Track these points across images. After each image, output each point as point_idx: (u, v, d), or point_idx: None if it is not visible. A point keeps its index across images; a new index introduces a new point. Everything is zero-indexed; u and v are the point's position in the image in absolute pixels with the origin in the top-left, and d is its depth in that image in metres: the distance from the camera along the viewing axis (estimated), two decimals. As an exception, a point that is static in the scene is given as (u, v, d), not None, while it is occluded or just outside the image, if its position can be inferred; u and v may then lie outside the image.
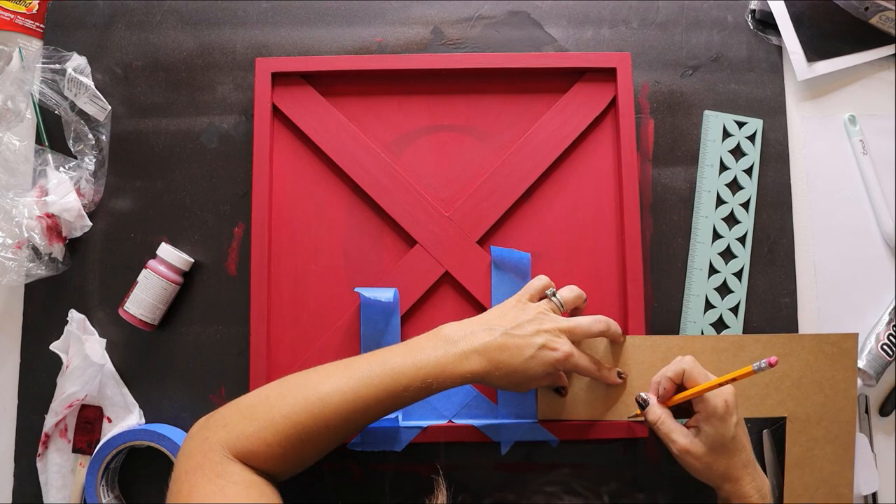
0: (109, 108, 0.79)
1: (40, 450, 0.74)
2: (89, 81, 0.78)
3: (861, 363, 0.74)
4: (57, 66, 0.77)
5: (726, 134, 0.78)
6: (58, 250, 0.76)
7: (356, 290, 0.73)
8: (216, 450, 0.54)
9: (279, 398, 0.57)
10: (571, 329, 0.64)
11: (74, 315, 0.75)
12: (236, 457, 0.54)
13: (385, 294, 0.72)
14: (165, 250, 0.75)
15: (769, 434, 0.74)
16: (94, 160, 0.77)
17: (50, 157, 0.77)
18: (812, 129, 0.81)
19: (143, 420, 0.75)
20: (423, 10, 0.81)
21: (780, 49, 0.81)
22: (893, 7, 0.78)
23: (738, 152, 0.79)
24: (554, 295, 0.67)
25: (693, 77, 0.80)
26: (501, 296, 0.74)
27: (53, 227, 0.75)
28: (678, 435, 0.61)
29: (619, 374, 0.69)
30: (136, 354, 0.76)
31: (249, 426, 0.55)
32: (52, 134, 0.78)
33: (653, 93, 0.80)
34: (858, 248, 0.79)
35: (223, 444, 0.54)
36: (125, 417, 0.74)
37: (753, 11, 0.82)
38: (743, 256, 0.76)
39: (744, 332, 0.77)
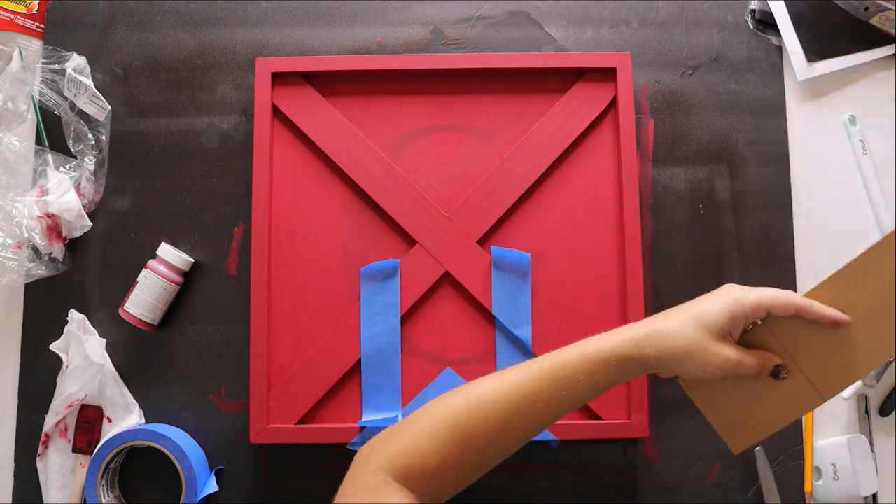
0: (109, 108, 0.79)
1: (40, 450, 0.74)
2: (89, 81, 0.78)
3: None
4: (57, 66, 0.77)
5: None
6: (58, 250, 0.76)
7: (361, 269, 0.75)
8: (375, 473, 0.51)
9: (434, 406, 0.53)
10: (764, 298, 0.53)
11: (74, 315, 0.75)
12: (395, 477, 0.51)
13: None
14: (165, 250, 0.75)
15: (762, 452, 0.74)
16: (94, 160, 0.77)
17: (50, 157, 0.77)
18: (812, 129, 0.80)
19: (143, 420, 0.75)
20: (423, 10, 0.81)
21: (780, 49, 0.81)
22: (893, 7, 0.78)
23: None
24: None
25: (693, 77, 0.80)
26: (501, 296, 0.74)
27: (53, 227, 0.75)
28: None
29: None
30: (136, 354, 0.76)
31: (405, 439, 0.52)
32: (52, 134, 0.78)
33: (653, 93, 0.80)
34: (858, 248, 0.79)
35: (381, 466, 0.51)
36: (125, 417, 0.74)
37: (753, 11, 0.82)
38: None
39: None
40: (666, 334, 0.52)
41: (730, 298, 0.52)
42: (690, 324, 0.52)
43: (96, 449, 0.72)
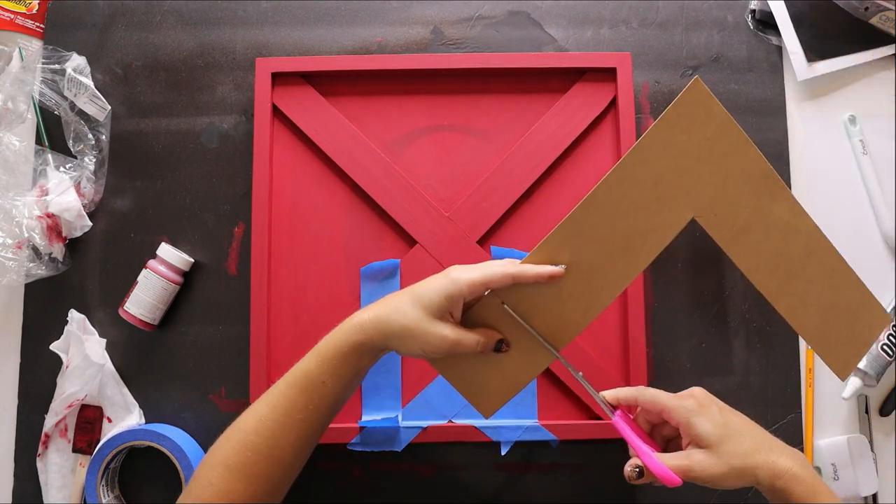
0: (109, 108, 0.79)
1: (40, 450, 0.74)
2: (89, 81, 0.78)
3: (861, 364, 0.74)
4: (57, 66, 0.77)
5: None
6: (58, 250, 0.76)
7: (361, 269, 0.75)
8: None
9: (209, 455, 0.54)
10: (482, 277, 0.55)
11: (74, 315, 0.75)
12: None
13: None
14: (165, 250, 0.75)
15: None
16: (94, 160, 0.77)
17: (50, 157, 0.77)
18: (812, 129, 0.80)
19: (143, 420, 0.75)
20: (423, 10, 0.81)
21: (780, 49, 0.81)
22: (893, 7, 0.78)
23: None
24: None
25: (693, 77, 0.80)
26: (501, 296, 0.74)
27: (53, 227, 0.75)
28: (674, 460, 0.54)
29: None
30: (136, 354, 0.76)
31: (193, 494, 0.53)
32: (52, 134, 0.78)
33: (653, 93, 0.80)
34: (858, 248, 0.79)
35: None
36: (125, 417, 0.74)
37: (753, 11, 0.82)
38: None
39: (744, 332, 0.77)
40: (386, 315, 0.54)
41: (448, 279, 0.54)
42: (409, 304, 0.54)
43: (96, 449, 0.72)
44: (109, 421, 0.74)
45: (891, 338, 0.75)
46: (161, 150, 0.79)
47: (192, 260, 0.76)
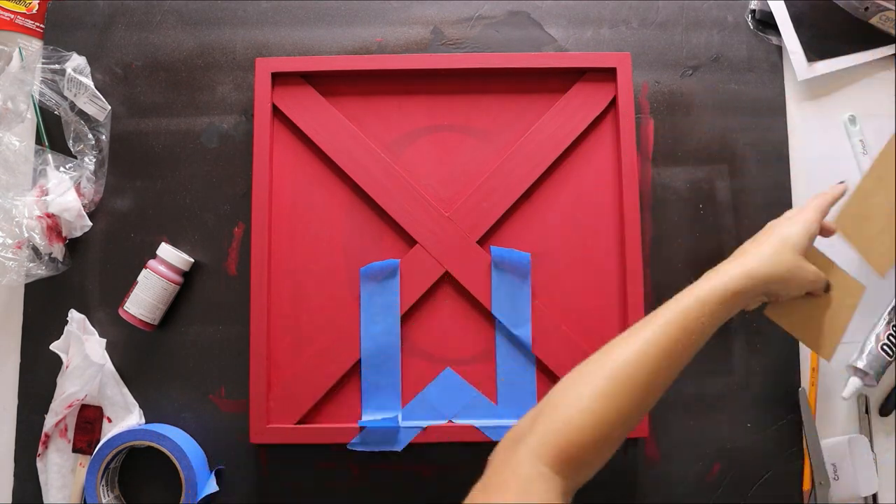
0: (109, 108, 0.79)
1: (40, 450, 0.74)
2: (89, 81, 0.78)
3: (861, 363, 0.74)
4: (57, 66, 0.77)
5: None
6: (58, 250, 0.76)
7: (361, 269, 0.75)
8: (524, 463, 0.49)
9: (577, 382, 0.53)
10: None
11: (74, 315, 0.75)
12: (549, 462, 0.49)
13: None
14: (165, 250, 0.75)
15: (804, 393, 0.75)
16: (94, 160, 0.77)
17: (50, 157, 0.77)
18: (812, 129, 0.80)
19: (143, 420, 0.75)
20: (423, 10, 0.81)
21: (780, 49, 0.81)
22: (893, 7, 0.78)
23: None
24: None
25: (693, 77, 0.80)
26: (501, 296, 0.74)
27: (53, 227, 0.75)
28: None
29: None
30: (136, 354, 0.76)
31: (558, 420, 0.51)
32: (52, 134, 0.78)
33: (653, 93, 0.80)
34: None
35: (534, 452, 0.49)
36: (125, 417, 0.74)
37: (753, 11, 0.82)
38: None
39: (744, 332, 0.77)
40: (770, 263, 0.60)
41: (807, 220, 0.63)
42: (786, 251, 0.61)
43: (96, 449, 0.72)
44: (109, 421, 0.74)
45: (891, 338, 0.75)
46: (161, 150, 0.79)
47: (192, 260, 0.76)
